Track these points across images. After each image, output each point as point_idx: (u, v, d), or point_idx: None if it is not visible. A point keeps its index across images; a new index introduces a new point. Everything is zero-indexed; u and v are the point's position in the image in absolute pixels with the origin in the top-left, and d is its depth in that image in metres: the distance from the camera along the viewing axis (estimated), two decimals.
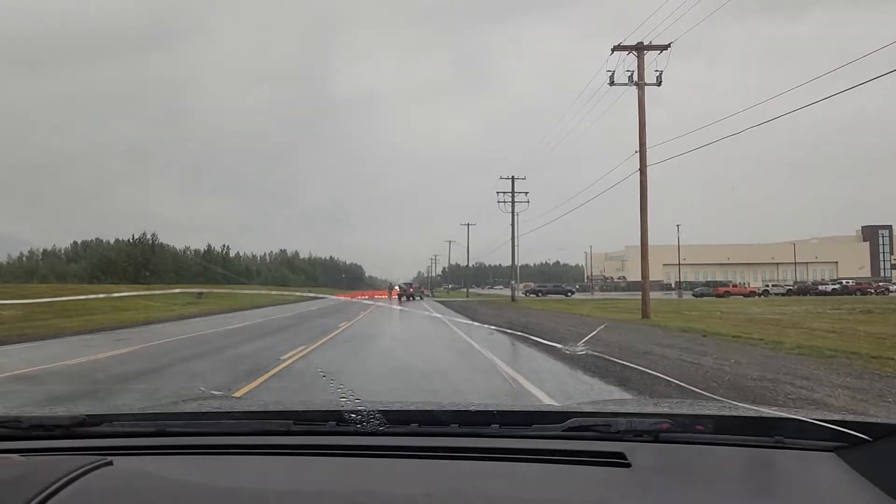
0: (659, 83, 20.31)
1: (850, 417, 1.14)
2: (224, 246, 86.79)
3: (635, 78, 20.17)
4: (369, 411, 1.21)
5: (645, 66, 20.17)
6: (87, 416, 1.27)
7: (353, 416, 1.21)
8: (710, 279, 76.55)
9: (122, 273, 63.06)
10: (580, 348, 1.99)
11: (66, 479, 0.87)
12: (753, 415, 1.25)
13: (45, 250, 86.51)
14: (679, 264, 66.12)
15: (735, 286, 63.81)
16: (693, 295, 59.35)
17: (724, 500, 0.93)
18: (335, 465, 1.10)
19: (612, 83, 20.90)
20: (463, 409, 1.37)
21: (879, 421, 1.10)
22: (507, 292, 58.85)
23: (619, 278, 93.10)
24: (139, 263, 66.29)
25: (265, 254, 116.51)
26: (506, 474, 1.05)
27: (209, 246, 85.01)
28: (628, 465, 1.04)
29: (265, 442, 1.22)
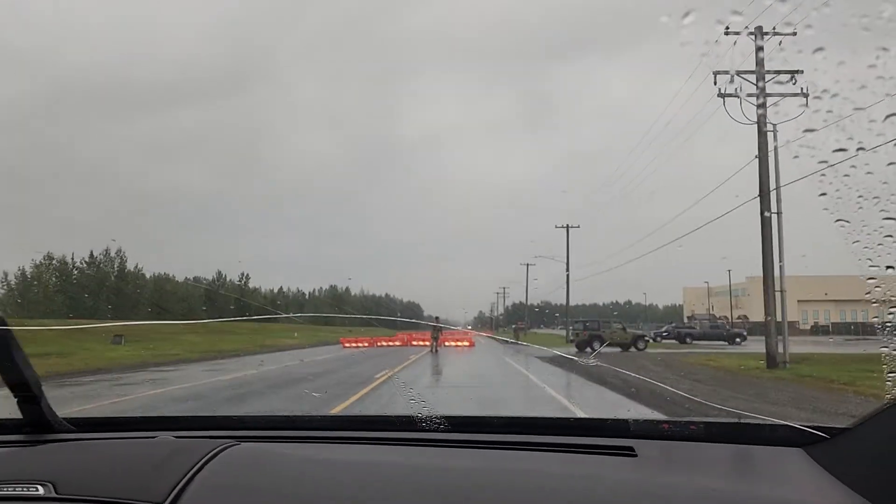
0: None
1: (817, 423, 1.48)
2: (243, 275, 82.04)
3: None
4: (432, 416, 1.69)
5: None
6: (212, 415, 1.92)
7: (421, 422, 1.70)
8: (863, 320, 66.72)
9: (45, 301, 52.12)
10: None
11: (207, 455, 1.24)
12: (737, 420, 1.69)
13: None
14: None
15: None
16: None
17: (710, 485, 1.26)
18: (405, 451, 1.58)
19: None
20: (506, 416, 1.80)
21: (836, 426, 1.42)
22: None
23: (739, 318, 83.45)
24: (80, 289, 53.68)
25: (314, 289, 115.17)
26: (536, 460, 1.48)
27: (220, 273, 79.96)
28: (635, 456, 1.42)
29: (353, 435, 1.73)
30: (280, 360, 22.54)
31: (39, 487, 1.18)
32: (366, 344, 35.42)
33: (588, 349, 30.20)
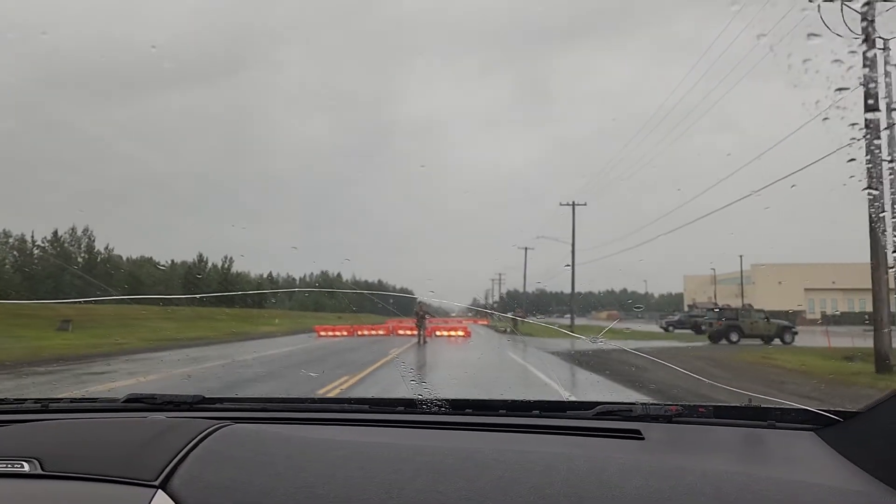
0: None
1: (827, 406, 1.50)
2: (226, 258, 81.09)
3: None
4: (433, 399, 1.71)
5: None
6: (204, 396, 1.84)
7: (422, 404, 1.73)
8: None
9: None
10: None
11: (200, 434, 1.24)
12: (747, 403, 1.62)
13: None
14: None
15: None
16: None
17: (720, 467, 1.23)
18: (404, 433, 1.58)
19: None
20: (510, 399, 1.76)
21: (848, 409, 1.42)
22: (588, 322, 43.04)
23: (744, 307, 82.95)
24: (41, 270, 47.86)
25: (304, 275, 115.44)
26: (541, 442, 1.48)
27: (200, 256, 78.67)
28: (642, 439, 1.44)
29: (351, 417, 1.69)
30: (226, 355, 18.17)
31: (25, 464, 1.14)
32: (344, 333, 30.33)
33: (723, 341, 26.88)
